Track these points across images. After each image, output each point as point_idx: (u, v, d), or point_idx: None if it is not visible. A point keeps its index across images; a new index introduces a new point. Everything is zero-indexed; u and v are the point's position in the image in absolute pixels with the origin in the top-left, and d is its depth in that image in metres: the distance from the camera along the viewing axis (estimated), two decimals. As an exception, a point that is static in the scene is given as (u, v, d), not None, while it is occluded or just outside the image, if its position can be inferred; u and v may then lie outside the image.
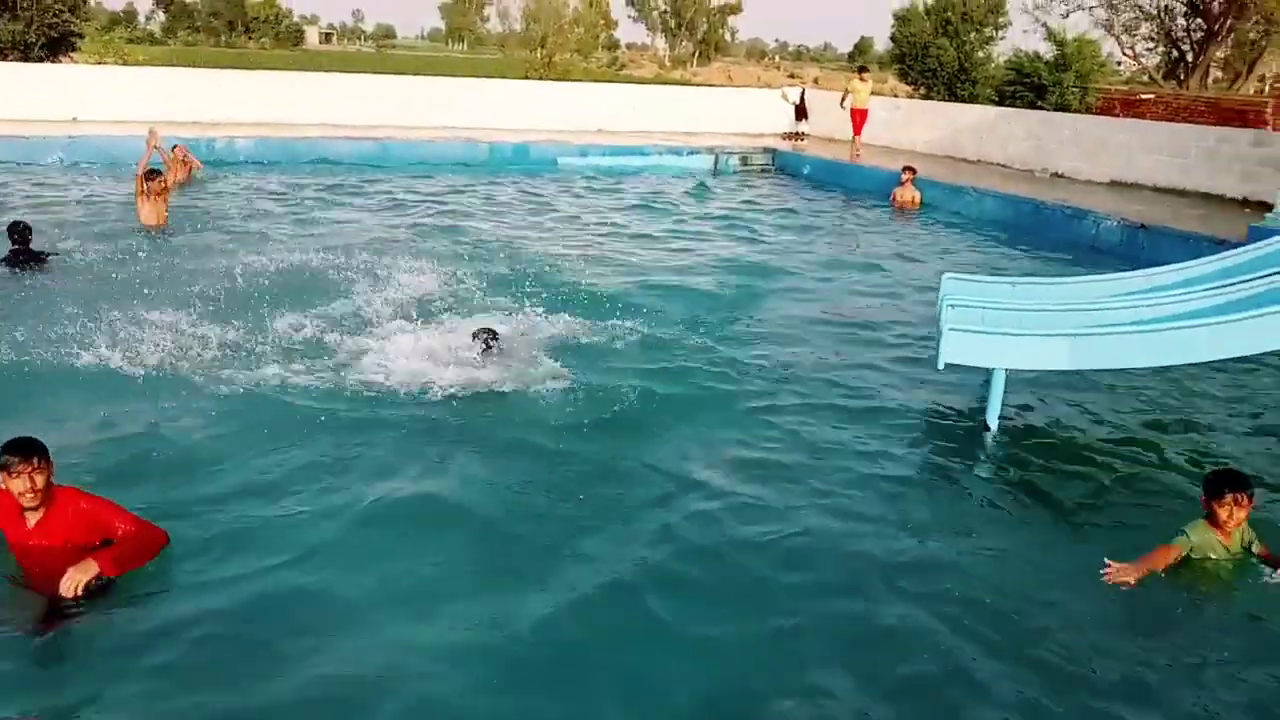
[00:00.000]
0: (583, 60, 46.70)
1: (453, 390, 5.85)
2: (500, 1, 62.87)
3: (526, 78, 30.30)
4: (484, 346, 6.36)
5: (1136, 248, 11.27)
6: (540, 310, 7.49)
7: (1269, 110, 17.99)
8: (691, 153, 17.94)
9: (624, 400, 5.87)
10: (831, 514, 4.80)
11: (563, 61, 39.14)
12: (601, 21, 56.29)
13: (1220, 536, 4.33)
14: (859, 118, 17.38)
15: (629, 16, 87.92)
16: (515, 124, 19.16)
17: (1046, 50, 26.90)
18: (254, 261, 8.51)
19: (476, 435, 5.37)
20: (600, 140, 18.15)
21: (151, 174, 10.23)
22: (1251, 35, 25.84)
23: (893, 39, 34.29)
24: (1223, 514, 4.28)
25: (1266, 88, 23.74)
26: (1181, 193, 14.43)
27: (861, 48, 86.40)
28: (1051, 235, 12.34)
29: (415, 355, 6.32)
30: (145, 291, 7.40)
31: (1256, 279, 6.53)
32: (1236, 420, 6.54)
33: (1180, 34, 26.80)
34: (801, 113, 20.92)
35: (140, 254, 8.80)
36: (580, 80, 28.85)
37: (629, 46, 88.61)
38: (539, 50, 41.40)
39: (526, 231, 11.35)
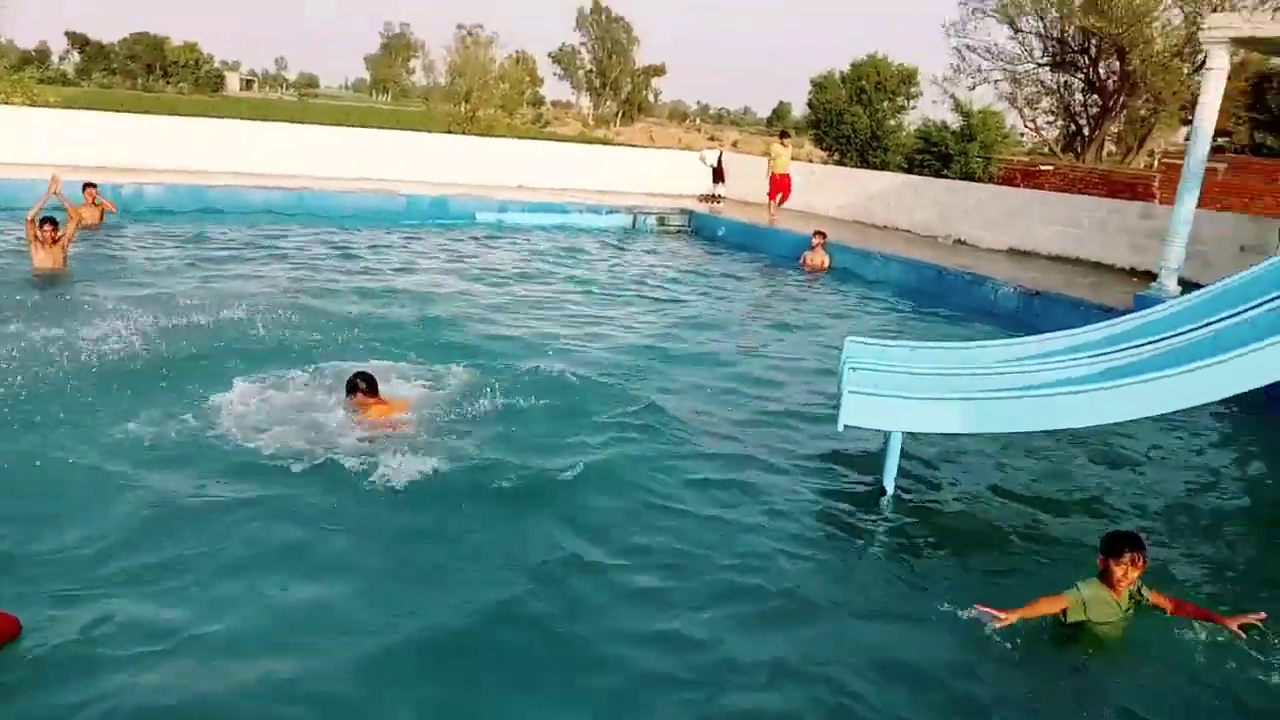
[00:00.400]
0: (507, 116, 47.01)
1: (332, 448, 5.70)
2: (426, 55, 63.14)
3: (450, 132, 30.36)
4: (357, 394, 6.22)
5: (1031, 314, 11.74)
6: (443, 366, 7.44)
7: (1156, 184, 19.05)
8: (610, 211, 18.15)
9: (517, 460, 5.79)
10: (722, 578, 4.81)
11: (486, 117, 39.35)
12: (527, 78, 56.91)
13: (1113, 594, 4.47)
14: (780, 182, 17.78)
15: (555, 74, 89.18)
16: (436, 177, 19.16)
17: (954, 121, 28.17)
18: (147, 314, 8.25)
19: (350, 501, 5.18)
20: (521, 196, 18.24)
21: (46, 221, 9.92)
22: (1142, 112, 27.43)
23: (809, 105, 35.45)
24: (1119, 572, 4.43)
25: (1155, 162, 25.13)
26: (1075, 261, 15.14)
27: (780, 113, 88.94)
28: (953, 300, 12.79)
29: (302, 412, 6.19)
30: (19, 341, 7.12)
31: (1136, 347, 6.87)
32: (1126, 482, 6.80)
33: (1078, 109, 28.32)
34: (719, 175, 21.39)
35: (26, 302, 8.49)
36: (504, 136, 29.01)
37: (554, 104, 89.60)
38: (463, 105, 41.57)
39: (439, 285, 11.27)
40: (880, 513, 5.84)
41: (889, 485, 6.03)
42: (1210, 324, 6.47)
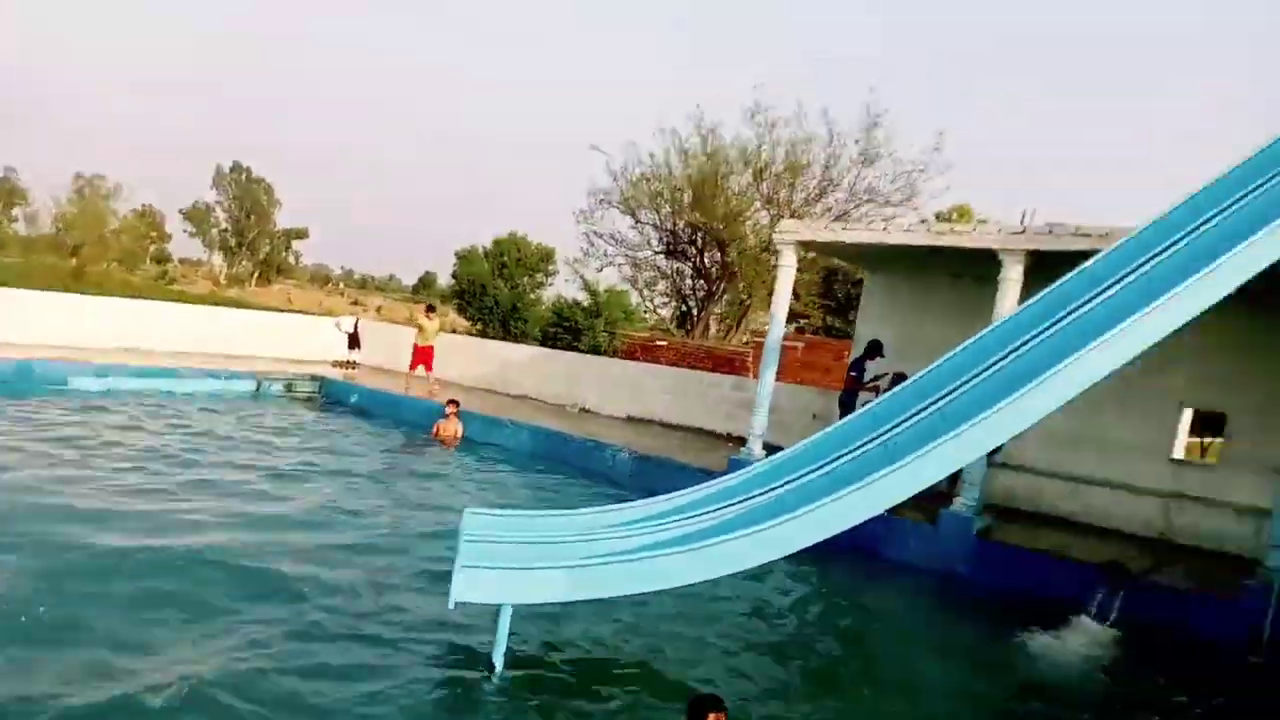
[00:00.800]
0: (126, 272, 43.38)
1: None
2: (30, 204, 56.94)
3: (50, 287, 27.28)
4: None
5: (645, 476, 12.65)
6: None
7: (750, 359, 21.66)
8: (231, 376, 17.11)
9: (66, 676, 5.03)
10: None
11: (98, 272, 36.01)
12: (152, 234, 53.24)
13: None
14: (424, 354, 17.94)
15: (186, 232, 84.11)
16: (25, 338, 16.97)
17: (584, 298, 30.38)
18: None
19: None
20: (128, 360, 16.65)
21: None
22: (742, 297, 31.33)
23: (454, 276, 36.56)
24: None
25: (751, 339, 28.59)
26: (684, 428, 16.69)
27: (426, 281, 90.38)
28: (577, 465, 13.47)
29: None
30: None
31: (721, 509, 7.62)
32: (727, 633, 7.39)
33: (688, 292, 31.74)
34: (355, 342, 21.11)
35: None
36: (117, 294, 26.59)
37: (183, 261, 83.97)
38: (71, 258, 37.79)
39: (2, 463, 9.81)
40: (490, 692, 5.82)
41: (498, 662, 6.02)
42: (773, 489, 7.39)
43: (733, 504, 7.55)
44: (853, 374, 13.05)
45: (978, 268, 11.38)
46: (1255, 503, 10.83)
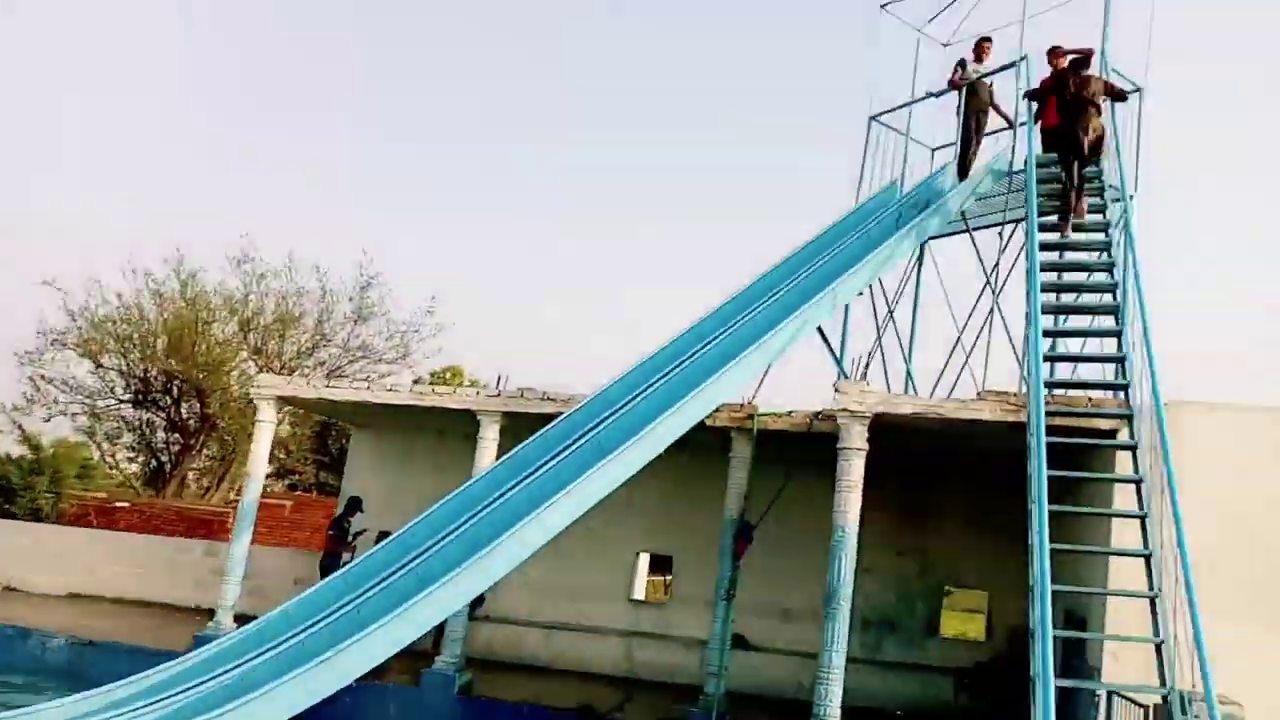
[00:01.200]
0: None
1: None
2: None
3: None
4: None
5: (87, 665, 10.83)
6: None
7: (231, 520, 19.89)
8: None
9: None
10: None
11: None
12: None
13: None
14: None
15: None
16: None
17: (25, 453, 25.75)
18: None
19: None
20: None
21: None
22: (226, 451, 28.96)
23: None
24: None
25: (236, 497, 26.45)
26: (143, 603, 14.78)
27: None
28: (-7, 660, 11.08)
29: None
30: None
31: (174, 695, 6.74)
32: None
33: (160, 445, 28.55)
34: None
35: None
36: None
37: None
38: None
39: None
40: None
41: None
42: (237, 667, 6.75)
43: (190, 688, 6.78)
44: (332, 533, 12.62)
45: (462, 426, 11.85)
46: (698, 635, 12.28)
